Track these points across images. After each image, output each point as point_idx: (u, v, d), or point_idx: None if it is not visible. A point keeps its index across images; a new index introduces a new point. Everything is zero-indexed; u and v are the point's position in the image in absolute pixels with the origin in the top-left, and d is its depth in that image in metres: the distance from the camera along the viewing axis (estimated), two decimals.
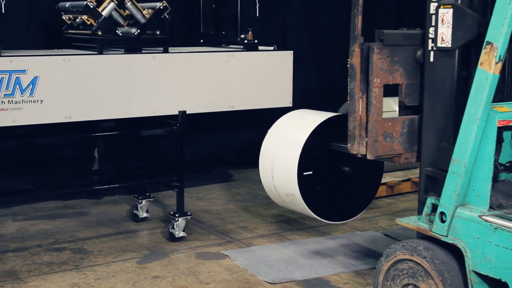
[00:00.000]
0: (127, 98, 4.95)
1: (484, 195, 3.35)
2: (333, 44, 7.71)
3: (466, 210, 3.36)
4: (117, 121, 5.09)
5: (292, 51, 5.74)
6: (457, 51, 3.61)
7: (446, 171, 3.45)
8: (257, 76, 5.52)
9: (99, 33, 4.96)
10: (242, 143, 7.54)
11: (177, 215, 5.24)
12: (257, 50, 5.63)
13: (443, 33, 3.63)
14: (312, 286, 4.45)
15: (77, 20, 5.32)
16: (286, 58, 5.68)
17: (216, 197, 6.62)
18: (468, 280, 3.29)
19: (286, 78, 5.67)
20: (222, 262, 4.85)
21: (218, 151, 7.50)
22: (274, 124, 4.92)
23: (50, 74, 4.61)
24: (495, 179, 3.49)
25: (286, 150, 4.64)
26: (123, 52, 5.04)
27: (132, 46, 5.09)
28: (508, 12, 3.23)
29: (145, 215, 5.76)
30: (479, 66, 3.32)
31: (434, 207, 3.54)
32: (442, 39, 3.64)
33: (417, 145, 4.03)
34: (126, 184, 5.99)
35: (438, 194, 3.52)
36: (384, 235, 5.41)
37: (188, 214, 5.31)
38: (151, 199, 5.82)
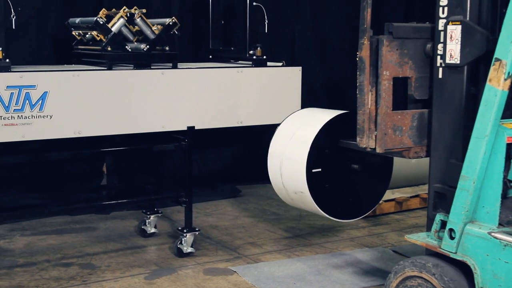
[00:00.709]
0: (136, 113, 4.96)
1: (493, 211, 3.34)
2: (341, 60, 7.71)
3: (475, 227, 3.35)
4: (125, 136, 5.10)
5: (300, 67, 5.74)
6: (465, 67, 3.61)
7: (455, 187, 3.44)
8: (265, 92, 5.53)
9: (109, 48, 4.98)
10: (250, 158, 7.54)
11: (185, 231, 5.24)
12: (265, 66, 5.64)
13: (452, 49, 3.63)
14: None
15: (86, 36, 5.35)
16: (295, 74, 5.69)
17: (224, 212, 6.62)
18: None
19: (295, 94, 5.68)
20: (230, 278, 4.84)
21: (226, 166, 7.50)
22: (282, 123, 4.91)
23: (59, 90, 4.64)
24: (504, 196, 3.48)
25: (294, 147, 4.62)
26: (132, 68, 5.06)
27: (141, 62, 5.11)
28: None
29: (153, 230, 5.75)
30: (488, 83, 3.32)
31: (443, 224, 3.53)
32: (451, 55, 3.64)
33: (426, 139, 4.01)
34: (135, 200, 6.00)
35: (447, 210, 3.51)
36: (392, 251, 5.39)
37: (196, 229, 5.31)
38: (159, 215, 5.81)
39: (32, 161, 5.80)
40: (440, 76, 3.75)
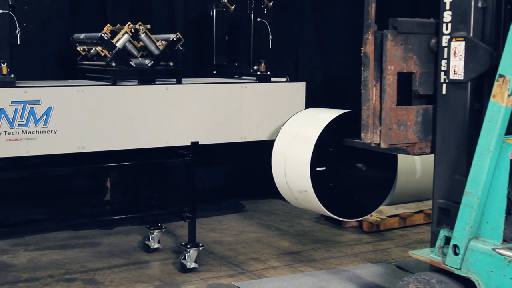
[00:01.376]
0: (140, 128, 4.97)
1: (497, 227, 3.33)
2: (346, 75, 7.72)
3: (480, 243, 3.34)
4: (129, 151, 5.11)
5: (304, 83, 5.76)
6: (469, 83, 3.62)
7: (459, 203, 3.44)
8: (269, 108, 5.54)
9: (113, 64, 5.00)
10: (254, 174, 7.54)
11: (188, 246, 5.23)
12: (269, 81, 5.65)
13: (456, 65, 3.64)
14: None
15: (91, 51, 5.37)
16: (299, 89, 5.70)
17: (228, 228, 6.61)
18: None
19: (299, 110, 5.67)
20: None
21: (230, 181, 7.50)
22: (286, 123, 4.91)
23: (64, 105, 4.65)
24: (508, 212, 3.47)
25: (298, 146, 4.61)
26: (136, 83, 5.08)
27: (146, 77, 5.13)
28: None
29: (156, 245, 5.75)
30: (491, 99, 3.33)
31: (447, 240, 3.53)
32: (455, 71, 3.65)
33: (431, 135, 4.00)
34: (138, 215, 6.00)
35: (451, 226, 3.50)
36: (396, 267, 5.37)
37: (200, 245, 5.30)
38: (163, 230, 5.81)
39: (36, 176, 5.80)
40: (444, 92, 3.76)
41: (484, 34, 3.62)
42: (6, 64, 4.49)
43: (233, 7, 6.12)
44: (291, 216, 7.03)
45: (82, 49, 5.48)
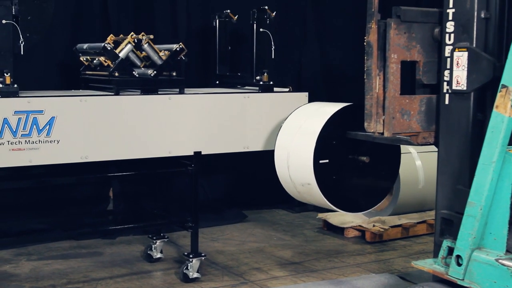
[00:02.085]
0: (142, 138, 4.98)
1: (500, 238, 3.32)
2: (348, 85, 7.73)
3: (483, 253, 3.33)
4: (132, 161, 5.11)
5: (307, 93, 5.76)
6: (472, 94, 3.62)
7: (462, 213, 3.44)
8: (272, 117, 5.54)
9: (116, 74, 5.01)
10: (256, 183, 7.54)
11: (191, 256, 5.23)
12: (272, 91, 5.66)
13: (458, 76, 3.65)
14: None
15: (94, 61, 5.39)
16: (301, 99, 5.70)
17: (231, 237, 6.60)
18: None
19: None
20: None
21: (232, 191, 7.50)
22: (289, 117, 4.89)
23: (67, 115, 4.66)
24: (511, 222, 3.47)
25: (301, 139, 4.59)
26: (139, 93, 5.09)
27: (149, 87, 5.13)
28: None
29: (159, 255, 5.74)
30: (494, 109, 3.33)
31: (450, 250, 3.52)
32: (457, 82, 3.65)
33: (435, 124, 3.99)
34: (141, 224, 5.99)
35: (454, 237, 3.50)
36: (399, 277, 5.36)
37: (202, 254, 5.30)
38: (165, 240, 5.80)
39: (39, 186, 5.81)
40: (446, 102, 3.76)
41: (487, 44, 3.63)
42: (9, 74, 4.51)
43: (236, 17, 6.14)
44: (293, 226, 7.02)
45: (85, 59, 5.50)
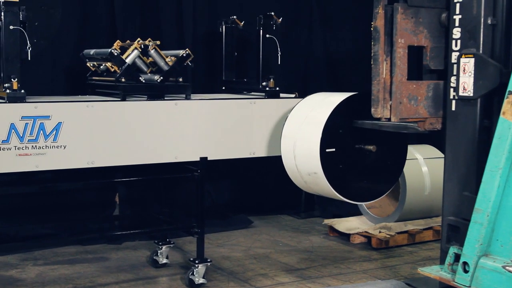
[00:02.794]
0: (149, 144, 4.98)
1: (507, 245, 3.32)
2: (356, 90, 7.73)
3: (489, 260, 3.32)
4: (138, 166, 5.12)
5: None
6: (479, 100, 3.62)
7: (469, 220, 3.43)
8: (278, 123, 5.54)
9: (123, 80, 5.02)
10: (262, 189, 7.54)
11: (197, 262, 5.22)
12: (278, 97, 5.66)
13: (465, 82, 3.65)
14: None
15: (101, 67, 5.40)
16: None
17: (236, 243, 6.60)
18: None
19: None
20: None
21: (238, 197, 7.50)
22: (295, 107, 4.88)
23: (73, 120, 4.67)
24: None
25: (308, 128, 4.57)
26: (145, 99, 5.09)
27: (155, 93, 5.14)
28: None
29: (165, 261, 5.74)
30: (501, 116, 3.32)
31: (457, 257, 3.51)
32: (464, 88, 3.65)
33: (442, 110, 3.97)
34: (147, 230, 5.99)
35: (461, 243, 3.49)
36: (405, 284, 5.34)
37: (208, 260, 5.29)
38: (171, 245, 5.80)
39: (45, 191, 5.82)
40: (453, 108, 3.76)
41: (493, 51, 3.63)
42: (16, 79, 4.52)
43: (242, 23, 6.15)
44: (299, 232, 7.01)
45: (92, 64, 5.51)
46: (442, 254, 3.75)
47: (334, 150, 4.49)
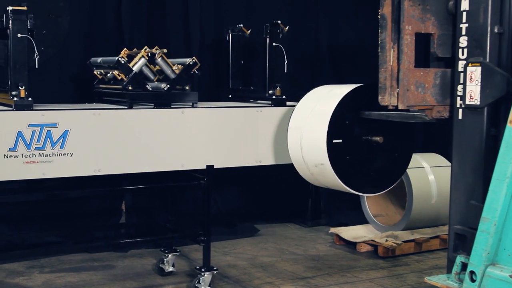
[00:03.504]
0: (155, 152, 4.99)
1: None
2: None
3: (497, 269, 3.31)
4: (144, 174, 5.12)
5: None
6: (485, 108, 3.61)
7: (476, 229, 3.42)
8: (285, 132, 5.53)
9: (130, 88, 5.03)
10: (269, 197, 7.53)
11: (203, 270, 5.22)
12: (285, 105, 5.66)
13: (472, 90, 3.64)
14: None
15: (108, 75, 5.41)
16: None
17: (243, 252, 6.59)
18: None
19: None
20: None
21: (245, 205, 7.50)
22: (301, 100, 4.87)
23: (80, 128, 4.68)
24: None
25: (315, 119, 4.55)
26: (152, 107, 5.10)
27: (162, 101, 5.15)
28: None
29: (171, 269, 5.74)
30: (508, 124, 3.31)
31: (464, 266, 3.50)
32: (471, 96, 3.64)
33: (449, 98, 3.96)
34: (153, 238, 6.00)
35: (468, 252, 3.47)
36: None
37: (214, 268, 5.29)
38: (177, 253, 5.80)
39: (51, 198, 5.82)
40: (460, 117, 3.75)
41: (500, 59, 3.62)
42: (24, 87, 4.54)
43: (249, 31, 6.16)
44: (306, 240, 7.00)
45: (99, 72, 5.52)
46: (449, 263, 3.73)
47: (341, 141, 4.48)
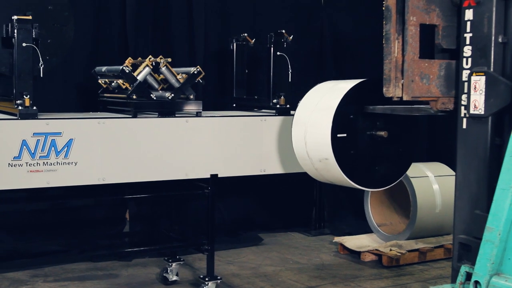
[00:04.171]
0: (160, 161, 5.00)
1: None
2: None
3: (502, 279, 3.30)
4: (149, 183, 5.13)
5: None
6: (490, 118, 3.60)
7: (480, 238, 3.40)
8: (289, 141, 5.53)
9: (134, 97, 5.05)
10: (273, 207, 7.53)
11: (207, 279, 5.22)
12: (289, 114, 5.67)
13: (476, 100, 3.64)
14: None
15: (112, 84, 5.43)
16: None
17: (246, 261, 6.59)
18: None
19: None
20: None
21: (248, 214, 7.49)
22: (306, 95, 4.88)
23: (85, 137, 4.69)
24: None
25: (319, 114, 4.54)
26: (157, 116, 5.11)
27: (166, 110, 5.16)
28: None
29: (175, 278, 5.73)
30: None
31: (468, 276, 3.48)
32: (475, 106, 3.64)
33: (454, 90, 3.96)
34: (157, 247, 5.99)
35: (472, 262, 3.46)
36: None
37: (218, 278, 5.28)
38: (181, 262, 5.80)
39: (56, 207, 5.83)
40: (464, 126, 3.75)
41: (504, 68, 3.62)
42: (29, 96, 4.56)
43: (253, 41, 6.18)
44: (310, 249, 6.99)
45: (103, 81, 5.54)
46: (454, 273, 3.72)
47: (345, 135, 4.48)
